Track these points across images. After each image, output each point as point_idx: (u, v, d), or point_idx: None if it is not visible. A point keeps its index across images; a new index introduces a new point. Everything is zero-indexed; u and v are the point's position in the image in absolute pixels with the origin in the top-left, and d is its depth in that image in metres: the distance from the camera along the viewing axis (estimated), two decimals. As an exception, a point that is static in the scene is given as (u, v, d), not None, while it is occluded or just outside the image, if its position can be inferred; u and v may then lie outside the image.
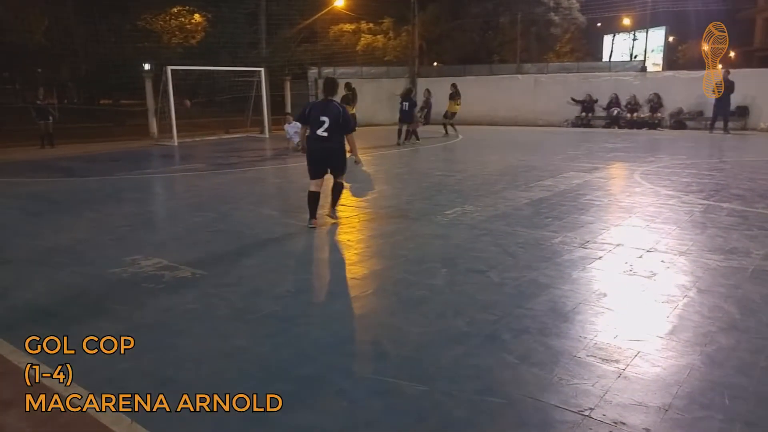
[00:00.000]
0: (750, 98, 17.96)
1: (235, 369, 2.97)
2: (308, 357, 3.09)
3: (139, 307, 3.82)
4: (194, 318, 3.64)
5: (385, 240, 5.56)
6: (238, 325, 3.53)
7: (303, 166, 6.25)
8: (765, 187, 7.90)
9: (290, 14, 20.14)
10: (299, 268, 4.69)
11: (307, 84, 21.85)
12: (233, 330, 3.46)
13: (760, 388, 2.68)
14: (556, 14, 27.28)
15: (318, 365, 2.99)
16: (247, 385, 2.76)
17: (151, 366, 2.99)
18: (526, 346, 3.19)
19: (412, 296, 4.00)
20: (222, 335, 3.38)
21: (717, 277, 4.28)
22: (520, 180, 8.84)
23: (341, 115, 5.74)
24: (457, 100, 16.04)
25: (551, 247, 5.13)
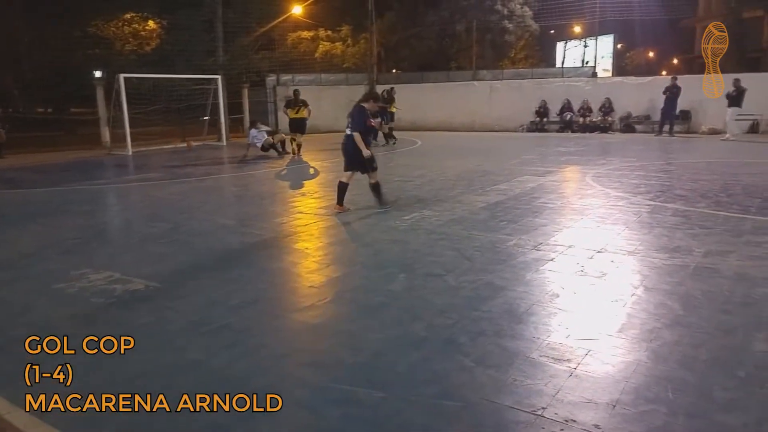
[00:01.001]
0: (692, 103, 18.78)
1: (191, 382, 2.91)
2: (264, 368, 3.06)
3: (88, 323, 3.70)
4: (147, 332, 3.55)
5: (343, 247, 5.56)
6: (193, 338, 3.46)
7: (261, 174, 6.18)
8: (706, 187, 8.26)
9: (247, 22, 19.97)
10: (256, 277, 4.64)
11: (266, 91, 21.69)
12: (188, 343, 3.39)
13: (701, 381, 2.80)
14: (510, 22, 27.90)
15: (274, 375, 2.97)
16: (203, 399, 2.72)
17: (99, 384, 2.90)
18: (482, 348, 3.25)
19: (370, 303, 4.01)
20: (176, 348, 3.32)
21: (662, 275, 4.45)
22: (477, 184, 8.99)
23: (354, 116, 6.79)
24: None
25: (506, 249, 5.23)
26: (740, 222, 6.08)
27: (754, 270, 4.46)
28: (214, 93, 17.69)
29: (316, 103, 15.65)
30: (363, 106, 6.91)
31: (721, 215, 6.43)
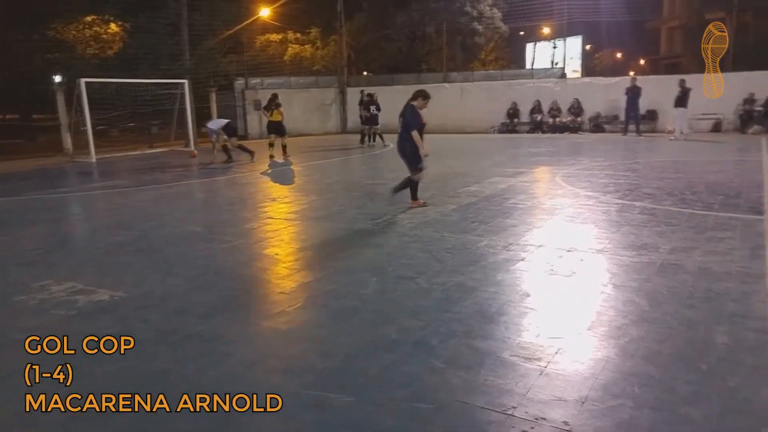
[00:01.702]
0: (657, 103, 19.24)
1: (159, 393, 2.85)
2: (234, 375, 3.01)
3: (49, 335, 3.58)
4: (112, 343, 3.45)
5: (314, 251, 5.52)
6: (160, 348, 3.38)
7: (230, 179, 6.10)
8: (672, 185, 8.46)
9: (214, 25, 19.70)
10: (225, 284, 4.57)
11: (234, 95, 21.45)
12: (155, 353, 3.32)
13: (665, 375, 2.85)
14: (480, 24, 28.17)
15: (244, 383, 2.92)
16: (174, 409, 2.66)
17: (66, 395, 2.81)
18: (453, 349, 3.25)
19: (342, 307, 3.99)
20: (143, 359, 3.24)
21: (630, 272, 4.53)
22: (448, 186, 9.03)
23: (406, 116, 7.00)
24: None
25: (477, 250, 5.26)
26: (704, 219, 6.23)
27: (716, 265, 4.57)
28: (180, 98, 17.40)
29: (286, 106, 15.53)
30: (413, 105, 7.08)
31: (686, 212, 6.58)
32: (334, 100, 23.97)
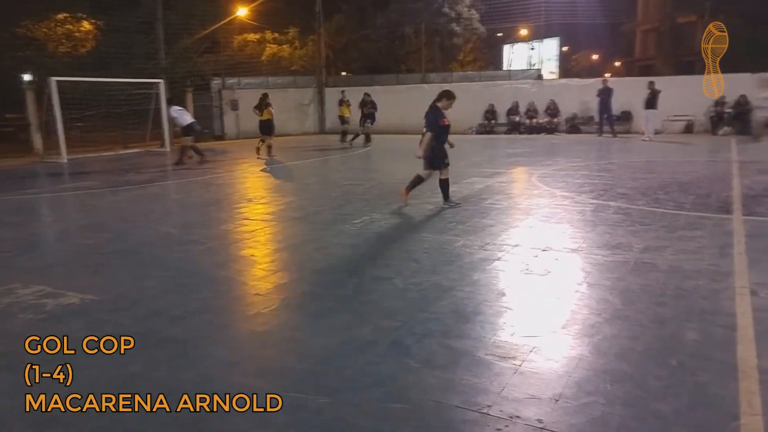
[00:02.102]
0: (631, 104, 19.57)
1: (129, 398, 2.79)
2: (208, 378, 2.97)
3: (15, 341, 3.50)
4: (81, 347, 3.38)
5: (291, 253, 5.49)
6: (131, 351, 3.32)
7: (206, 180, 6.03)
8: (645, 185, 8.61)
9: (190, 24, 19.44)
10: (200, 287, 4.50)
11: (211, 95, 21.20)
12: (126, 357, 3.25)
13: (636, 372, 2.89)
14: (458, 25, 28.32)
15: (218, 385, 2.88)
16: (145, 413, 2.61)
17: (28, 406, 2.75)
18: (428, 349, 3.26)
19: (318, 308, 3.97)
20: (114, 363, 3.17)
21: (604, 271, 4.59)
22: (426, 186, 9.02)
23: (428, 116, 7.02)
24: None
25: (454, 250, 5.28)
26: (675, 218, 6.35)
27: (687, 263, 4.66)
28: (156, 97, 17.15)
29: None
30: (437, 106, 7.10)
31: (658, 212, 6.70)
32: (312, 100, 23.86)
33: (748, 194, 7.63)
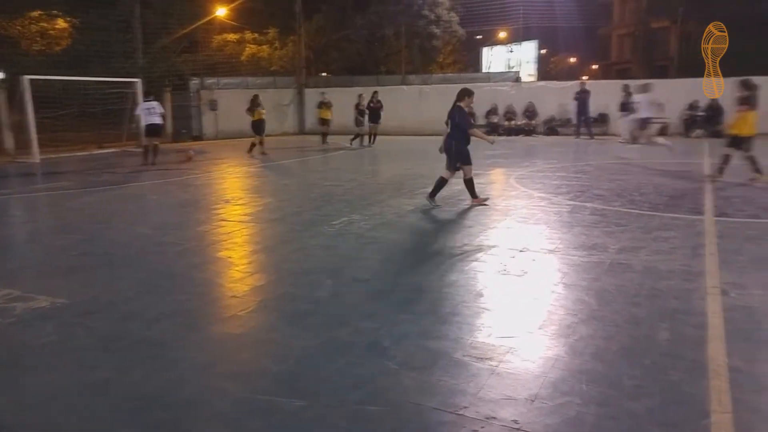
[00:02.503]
0: (609, 107, 19.86)
1: (101, 403, 2.74)
2: (182, 381, 2.93)
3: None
4: (52, 352, 3.31)
5: (269, 254, 5.44)
6: (104, 355, 3.26)
7: (183, 181, 5.95)
8: (621, 186, 8.73)
9: (168, 23, 19.19)
10: (176, 289, 4.44)
11: (189, 95, 20.96)
12: (98, 360, 3.19)
13: (611, 372, 2.93)
14: (438, 27, 28.45)
15: (192, 389, 2.84)
16: (117, 418, 2.56)
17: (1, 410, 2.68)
18: (406, 351, 3.25)
19: (296, 310, 3.94)
20: (85, 367, 3.11)
21: (580, 272, 4.64)
22: (406, 188, 9.07)
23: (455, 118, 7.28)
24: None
25: (433, 251, 5.29)
26: (650, 219, 6.45)
27: (661, 264, 4.74)
28: (133, 97, 16.89)
29: (242, 107, 15.32)
30: (460, 106, 7.31)
31: (634, 213, 6.80)
32: (292, 100, 23.75)
33: (719, 195, 7.79)
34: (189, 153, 14.12)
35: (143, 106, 13.15)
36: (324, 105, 17.46)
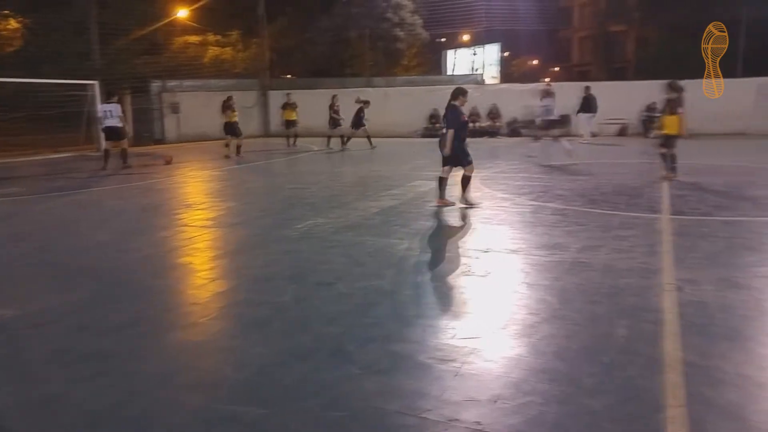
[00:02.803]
0: (570, 108, 20.26)
1: (47, 421, 2.63)
2: (136, 395, 2.83)
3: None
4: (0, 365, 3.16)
5: (230, 259, 5.34)
6: (54, 369, 3.13)
7: (144, 186, 5.79)
8: (582, 187, 8.91)
9: (126, 24, 18.70)
10: (133, 297, 4.31)
11: (150, 98, 20.48)
12: (48, 375, 3.06)
13: (571, 370, 2.96)
14: (401, 30, 28.59)
15: (146, 403, 2.75)
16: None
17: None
18: (370, 355, 3.23)
19: (257, 316, 3.87)
20: (33, 382, 2.98)
21: (542, 271, 4.70)
22: (371, 190, 9.06)
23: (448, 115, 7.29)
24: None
25: (398, 253, 5.29)
26: (610, 218, 6.59)
27: (620, 262, 4.84)
28: (90, 99, 16.40)
29: (205, 110, 15.11)
30: (455, 105, 7.29)
31: (594, 212, 6.94)
32: (256, 103, 23.48)
33: (675, 194, 8.02)
34: (168, 156, 13.84)
35: (102, 109, 12.78)
36: (289, 106, 17.21)
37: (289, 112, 17.22)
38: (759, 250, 5.14)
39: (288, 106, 17.19)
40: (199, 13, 23.94)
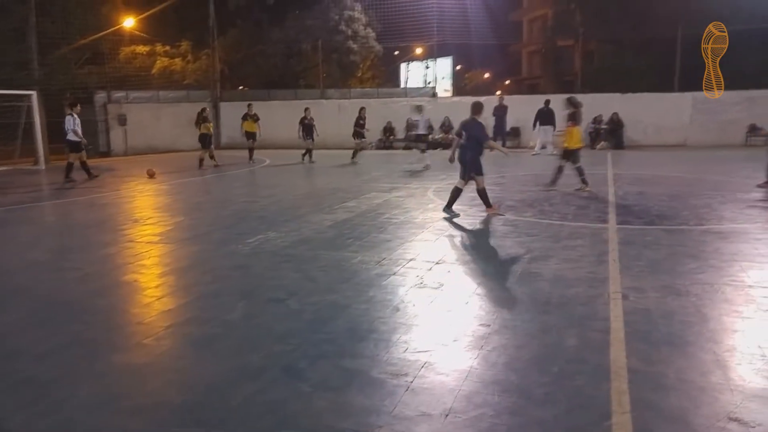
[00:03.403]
0: (521, 121, 20.80)
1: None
2: (71, 423, 2.68)
3: None
4: None
5: (178, 276, 5.17)
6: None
7: (87, 200, 5.54)
8: (532, 198, 9.11)
9: (68, 33, 18.00)
10: (73, 318, 4.10)
11: (95, 109, 19.79)
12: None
13: (522, 381, 2.98)
14: (355, 42, 28.70)
15: (85, 430, 2.60)
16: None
17: None
18: (322, 372, 3.17)
19: (205, 335, 3.74)
20: (-41, 414, 2.78)
21: (494, 282, 4.75)
22: (325, 203, 8.99)
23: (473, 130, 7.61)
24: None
25: (351, 267, 5.24)
26: (559, 228, 6.74)
27: (569, 272, 4.94)
28: (27, 110, 15.70)
29: (155, 122, 14.74)
30: (477, 119, 7.72)
31: (544, 223, 7.09)
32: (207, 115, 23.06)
33: (620, 204, 8.30)
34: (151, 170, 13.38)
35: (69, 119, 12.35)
36: (250, 117, 16.64)
37: (249, 123, 16.71)
38: (698, 257, 5.36)
39: (249, 117, 16.68)
40: (148, 23, 23.38)
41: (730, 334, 3.56)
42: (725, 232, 6.36)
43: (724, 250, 5.58)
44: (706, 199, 8.51)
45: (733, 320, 3.78)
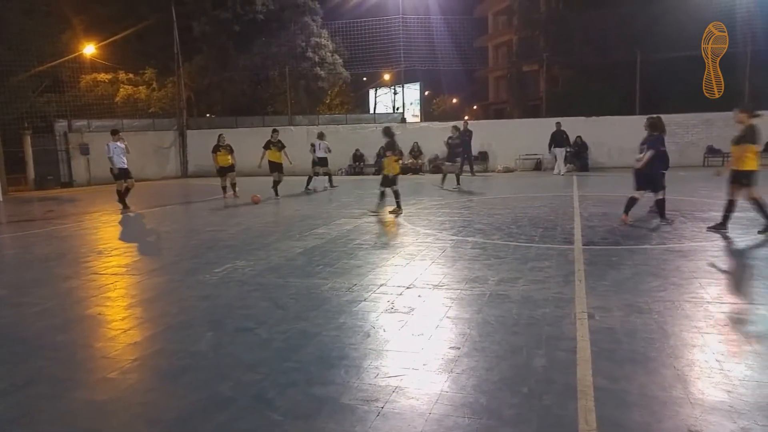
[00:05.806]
0: (488, 145, 21.23)
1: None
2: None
3: None
4: None
5: (144, 308, 5.07)
6: (-65, 442, 2.80)
7: (47, 232, 5.41)
8: (500, 221, 9.26)
9: (25, 60, 17.67)
10: (31, 355, 3.97)
11: (55, 138, 19.37)
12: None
13: (492, 402, 3.01)
14: (322, 69, 28.95)
15: (45, 472, 2.52)
16: None
17: None
18: (291, 400, 3.14)
19: (172, 367, 3.67)
20: None
21: (463, 305, 4.80)
22: (295, 229, 8.96)
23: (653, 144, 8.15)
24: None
25: (321, 294, 5.23)
26: (527, 250, 6.86)
27: (536, 293, 5.03)
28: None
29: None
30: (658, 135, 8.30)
31: (511, 245, 7.20)
32: (173, 143, 22.84)
33: (586, 225, 8.50)
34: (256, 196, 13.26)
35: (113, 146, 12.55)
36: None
37: (273, 152, 14.48)
38: (660, 275, 5.52)
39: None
40: (110, 51, 23.18)
41: (690, 349, 3.67)
42: (685, 251, 6.58)
43: (684, 268, 5.76)
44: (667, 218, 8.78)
45: (693, 336, 3.90)
